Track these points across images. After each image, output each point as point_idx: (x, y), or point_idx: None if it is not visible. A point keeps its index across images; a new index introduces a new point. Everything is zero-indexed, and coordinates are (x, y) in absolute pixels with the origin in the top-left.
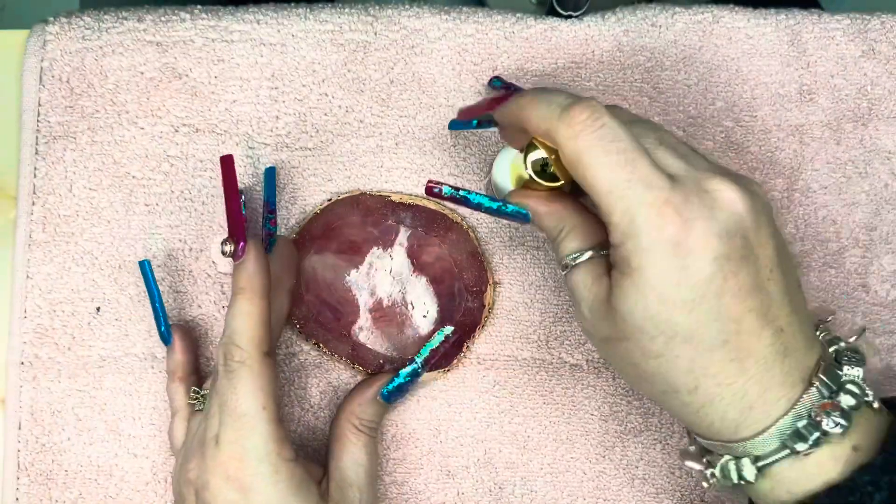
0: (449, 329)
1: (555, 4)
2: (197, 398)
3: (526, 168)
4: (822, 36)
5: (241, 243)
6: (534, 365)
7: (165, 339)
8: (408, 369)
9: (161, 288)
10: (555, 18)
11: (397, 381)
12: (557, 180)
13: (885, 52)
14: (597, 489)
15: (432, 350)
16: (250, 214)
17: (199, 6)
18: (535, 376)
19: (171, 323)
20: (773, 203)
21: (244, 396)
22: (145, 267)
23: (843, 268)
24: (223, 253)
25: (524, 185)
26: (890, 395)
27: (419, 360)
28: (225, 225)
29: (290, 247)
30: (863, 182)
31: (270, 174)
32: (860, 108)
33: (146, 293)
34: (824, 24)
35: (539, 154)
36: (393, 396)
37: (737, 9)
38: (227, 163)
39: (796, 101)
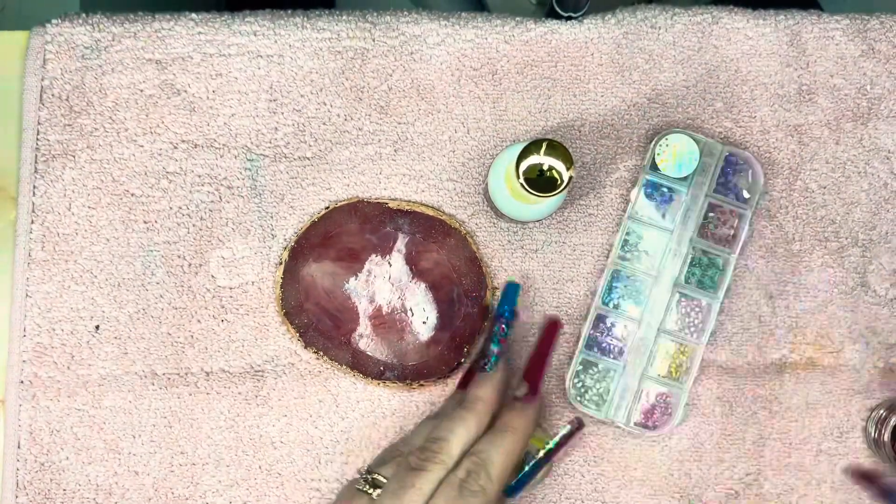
0: (572, 427)
1: (555, 5)
2: (368, 480)
3: (518, 178)
4: (822, 36)
5: (535, 393)
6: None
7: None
8: (538, 464)
9: (160, 304)
10: (554, 21)
11: (524, 478)
12: (549, 189)
13: (884, 52)
14: (595, 491)
15: (560, 443)
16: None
17: (194, 16)
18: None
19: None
20: (773, 203)
21: None
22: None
23: (843, 267)
24: (516, 393)
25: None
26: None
27: (544, 458)
28: (222, 238)
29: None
30: (862, 181)
31: (511, 289)
32: (860, 108)
33: (146, 311)
34: (824, 24)
35: (532, 161)
36: (518, 488)
37: (736, 9)
38: (554, 328)
39: (795, 101)
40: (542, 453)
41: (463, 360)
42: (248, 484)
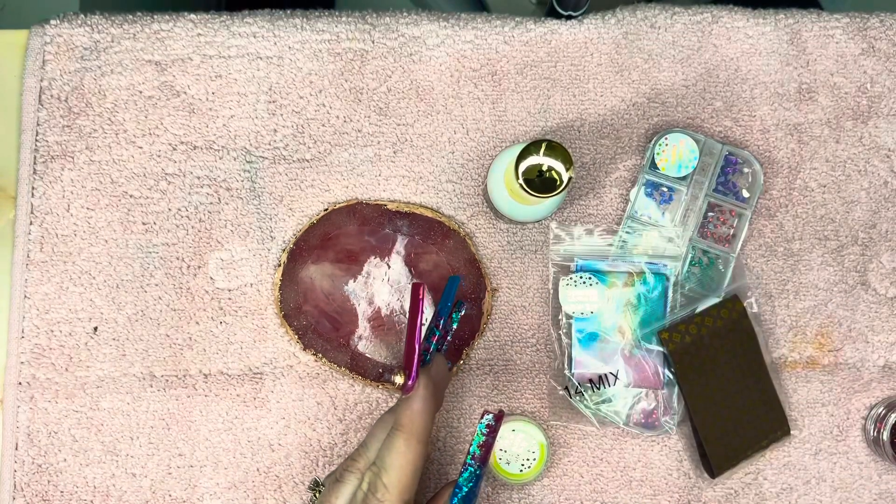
0: (489, 417)
1: (555, 4)
2: (313, 490)
3: (518, 178)
4: (822, 34)
5: (413, 378)
6: (532, 369)
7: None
8: (464, 474)
9: (159, 306)
10: (554, 21)
11: (460, 493)
12: (549, 190)
13: (884, 50)
14: (594, 492)
15: (480, 445)
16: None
17: (193, 17)
18: (535, 380)
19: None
20: (772, 202)
21: None
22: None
23: (843, 265)
24: (392, 382)
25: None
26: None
27: (471, 460)
28: (220, 239)
29: (444, 367)
30: (862, 180)
31: (452, 283)
32: (860, 106)
33: (145, 313)
34: (824, 22)
35: (531, 162)
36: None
37: (736, 8)
38: (416, 291)
39: (795, 100)
40: (472, 463)
41: (462, 361)
42: (245, 486)
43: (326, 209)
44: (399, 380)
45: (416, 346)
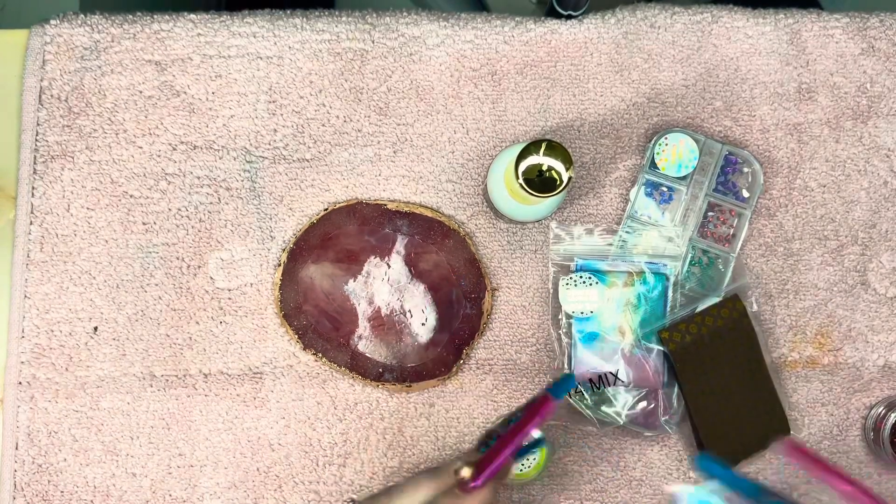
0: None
1: (555, 4)
2: None
3: (518, 178)
4: (822, 34)
5: (481, 482)
6: (532, 368)
7: None
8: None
9: (159, 306)
10: (554, 21)
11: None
12: (548, 190)
13: (884, 50)
14: (594, 492)
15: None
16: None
17: (193, 17)
18: (534, 379)
19: None
20: (772, 202)
21: None
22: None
23: (843, 265)
24: (459, 472)
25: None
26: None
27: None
28: (220, 239)
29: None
30: (862, 179)
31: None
32: (860, 106)
33: (145, 312)
34: (824, 22)
35: (531, 162)
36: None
37: (736, 8)
38: (544, 405)
39: (795, 100)
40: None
41: (462, 361)
42: (245, 486)
43: (326, 209)
44: (466, 473)
45: (503, 456)
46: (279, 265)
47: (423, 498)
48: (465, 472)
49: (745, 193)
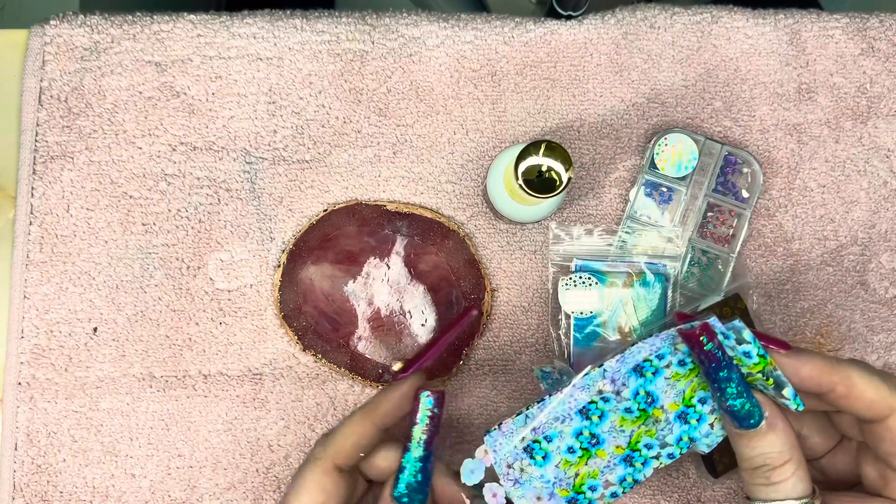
0: (429, 401)
1: (555, 4)
2: None
3: (517, 179)
4: (822, 34)
5: (409, 370)
6: (532, 368)
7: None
8: (410, 458)
9: (158, 307)
10: (554, 21)
11: (404, 478)
12: (548, 191)
13: (884, 50)
14: None
15: (425, 428)
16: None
17: (193, 17)
18: (535, 380)
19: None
20: (772, 202)
21: (296, 492)
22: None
23: (842, 265)
24: (392, 367)
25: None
26: None
27: (415, 444)
28: (220, 240)
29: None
30: (862, 180)
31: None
32: (859, 106)
33: (144, 313)
34: (823, 22)
35: (530, 162)
36: (411, 495)
37: (736, 8)
38: (465, 314)
39: (795, 100)
40: (416, 447)
41: (461, 361)
42: (245, 487)
43: (326, 210)
44: (397, 366)
45: (431, 352)
46: (279, 266)
47: (359, 429)
48: (396, 366)
49: (745, 194)
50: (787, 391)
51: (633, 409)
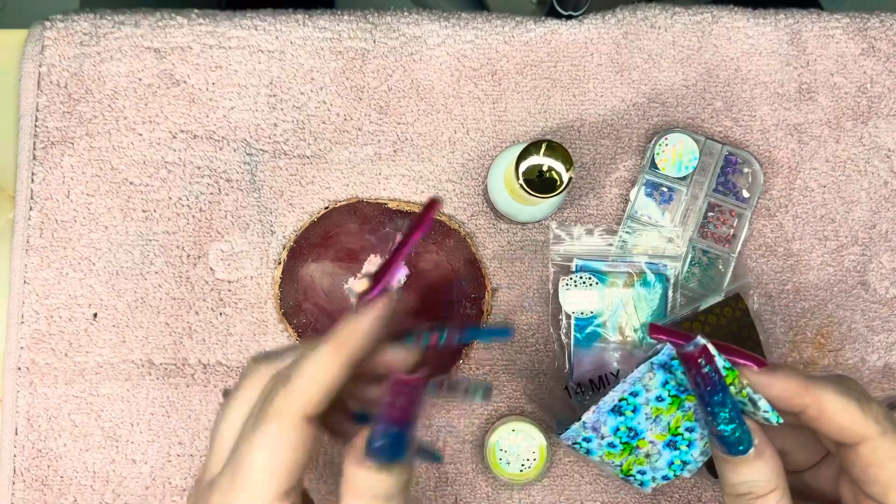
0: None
1: (555, 4)
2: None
3: (518, 178)
4: (822, 34)
5: (377, 289)
6: (532, 369)
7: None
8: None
9: (159, 294)
10: (554, 21)
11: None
12: (549, 190)
13: (884, 50)
14: (594, 492)
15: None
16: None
17: (196, 10)
18: (535, 380)
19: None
20: (772, 202)
21: (258, 452)
22: None
23: (842, 266)
24: (353, 287)
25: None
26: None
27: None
28: (221, 230)
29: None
30: (862, 180)
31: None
32: (860, 106)
33: (144, 300)
34: (824, 22)
35: (531, 162)
36: (383, 452)
37: (736, 8)
38: (432, 207)
39: (795, 100)
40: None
41: (461, 361)
42: None
43: (327, 207)
44: (360, 287)
45: (398, 260)
46: (279, 263)
47: (329, 370)
48: (360, 286)
49: (746, 194)
50: (763, 403)
51: (617, 444)
